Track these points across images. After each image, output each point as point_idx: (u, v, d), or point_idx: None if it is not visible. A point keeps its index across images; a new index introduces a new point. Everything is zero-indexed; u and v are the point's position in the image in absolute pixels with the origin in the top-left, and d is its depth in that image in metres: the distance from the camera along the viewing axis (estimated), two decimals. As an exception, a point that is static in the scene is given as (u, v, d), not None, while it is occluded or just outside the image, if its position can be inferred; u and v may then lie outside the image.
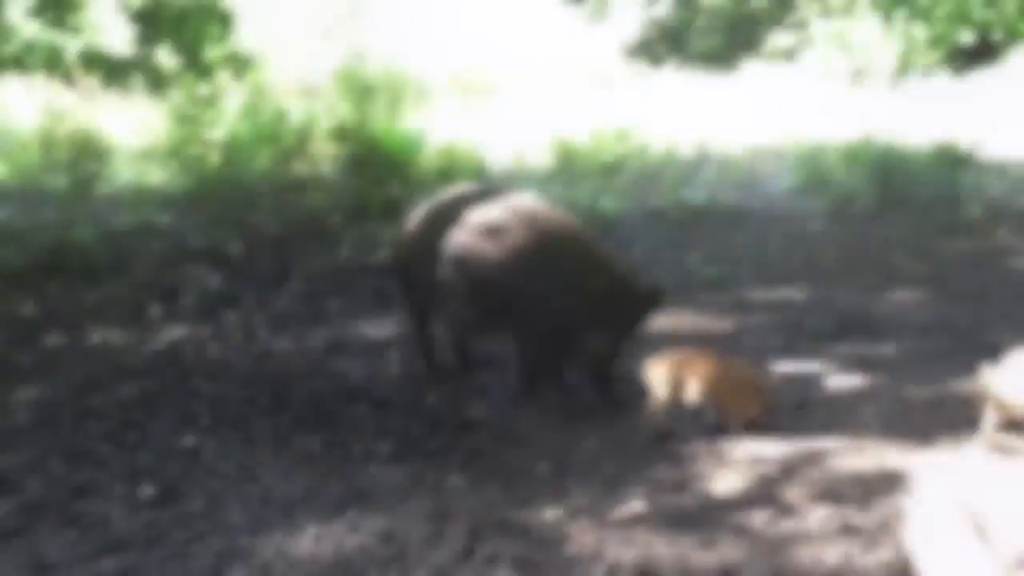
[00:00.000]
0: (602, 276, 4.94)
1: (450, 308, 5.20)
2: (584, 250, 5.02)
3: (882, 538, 3.55)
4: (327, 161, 9.33)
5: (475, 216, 5.07)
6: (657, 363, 4.56)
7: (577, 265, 4.94)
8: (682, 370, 4.51)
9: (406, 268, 5.44)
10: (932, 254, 8.08)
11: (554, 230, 5.03)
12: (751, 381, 4.62)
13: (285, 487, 4.04)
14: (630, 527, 3.69)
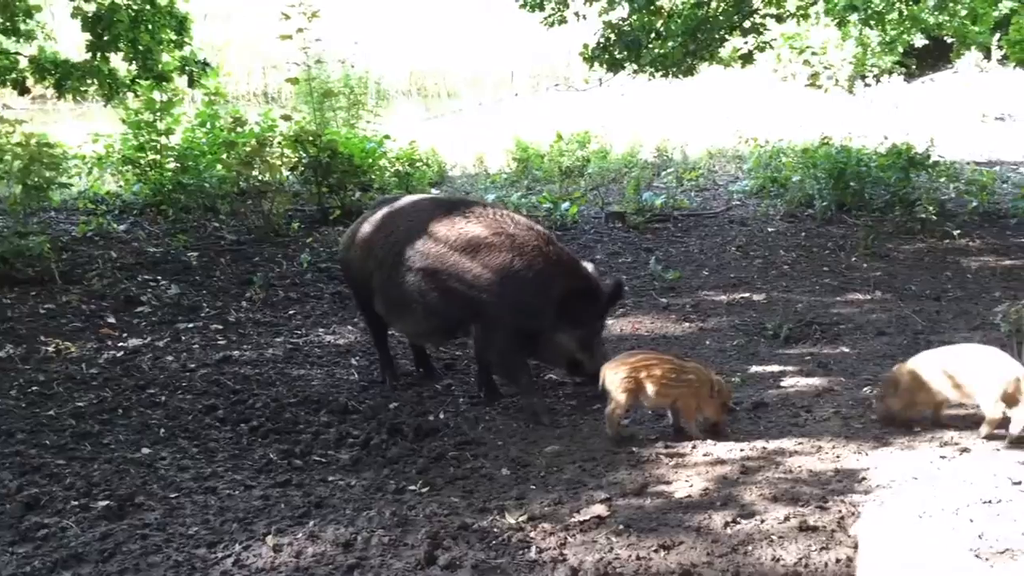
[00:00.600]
0: (566, 275, 4.96)
1: (416, 316, 5.15)
2: (547, 251, 5.02)
3: (839, 536, 3.58)
4: (287, 167, 9.25)
5: (439, 225, 5.05)
6: (617, 366, 4.57)
7: (542, 267, 4.94)
8: (642, 373, 4.52)
9: (363, 277, 5.36)
10: (888, 255, 8.20)
11: (517, 234, 5.02)
12: (710, 383, 4.64)
13: (243, 497, 4.00)
14: (591, 531, 3.69)
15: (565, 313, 4.93)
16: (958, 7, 10.41)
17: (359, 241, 5.33)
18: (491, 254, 4.92)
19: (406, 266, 5.02)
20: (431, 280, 4.98)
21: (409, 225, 5.13)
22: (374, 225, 5.30)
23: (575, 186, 10.64)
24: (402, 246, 5.06)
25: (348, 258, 5.42)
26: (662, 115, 16.55)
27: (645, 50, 8.91)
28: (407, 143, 10.56)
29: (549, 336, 5.00)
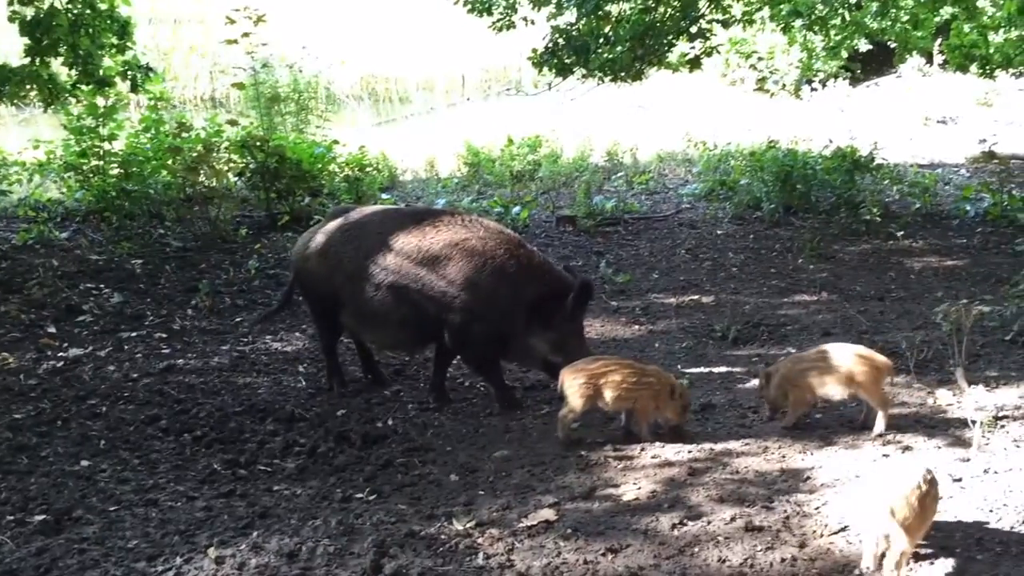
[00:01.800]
0: (537, 279, 4.99)
1: (390, 328, 5.14)
2: (518, 255, 5.03)
3: (785, 536, 3.61)
4: (234, 173, 9.15)
5: (410, 236, 5.03)
6: (575, 372, 4.56)
7: (513, 271, 4.96)
8: (601, 380, 4.51)
9: (328, 289, 5.25)
10: (834, 257, 8.30)
11: (487, 239, 5.04)
12: (671, 386, 4.64)
13: (185, 509, 3.93)
14: (539, 535, 3.68)
15: (537, 316, 4.95)
16: (900, 13, 10.60)
17: (322, 253, 5.22)
18: (463, 261, 4.94)
19: (379, 279, 5.01)
20: (405, 291, 4.98)
21: (379, 237, 5.10)
22: (340, 237, 5.21)
23: (526, 190, 10.65)
24: (374, 258, 5.03)
25: (307, 268, 5.30)
26: (612, 120, 16.64)
27: (594, 55, 8.93)
28: (357, 148, 10.49)
29: (522, 339, 5.01)
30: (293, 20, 18.47)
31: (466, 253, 4.96)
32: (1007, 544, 3.49)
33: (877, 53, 16.54)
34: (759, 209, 9.69)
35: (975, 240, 8.59)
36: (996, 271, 7.47)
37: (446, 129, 16.08)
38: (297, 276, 5.41)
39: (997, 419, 4.60)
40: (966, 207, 9.48)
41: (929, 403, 4.93)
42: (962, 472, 4.08)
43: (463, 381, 5.68)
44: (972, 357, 5.47)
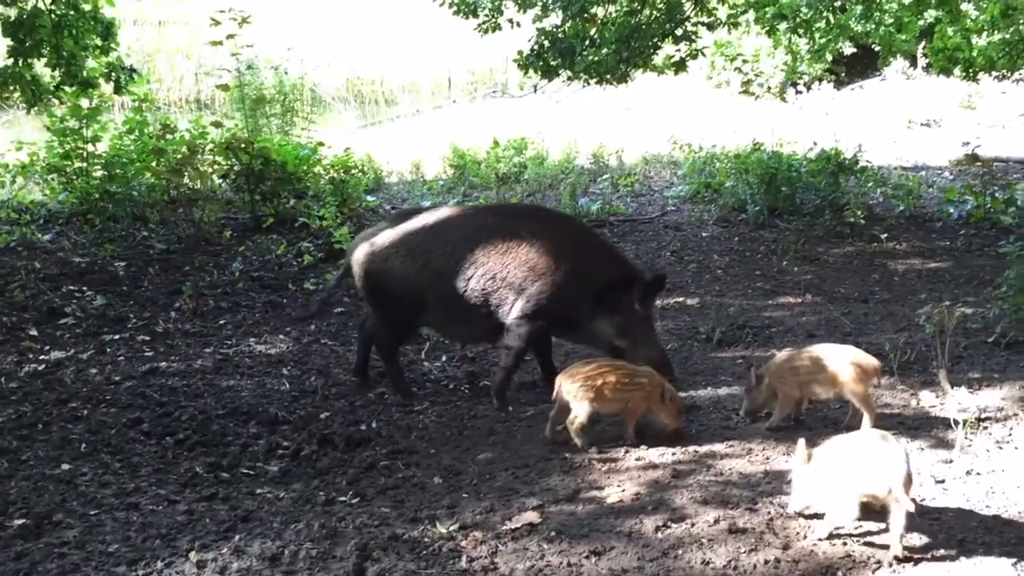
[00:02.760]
0: (606, 266, 5.19)
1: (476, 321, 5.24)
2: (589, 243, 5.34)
3: (768, 537, 3.61)
4: (218, 175, 9.10)
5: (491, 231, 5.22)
6: (572, 376, 4.54)
7: (584, 258, 5.18)
8: (598, 381, 4.50)
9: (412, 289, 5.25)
10: (818, 259, 8.32)
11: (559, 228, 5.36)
12: (661, 388, 4.65)
13: (167, 513, 3.90)
14: (523, 538, 3.68)
15: (604, 302, 5.12)
16: (884, 16, 10.65)
17: (407, 253, 5.26)
18: (539, 250, 5.13)
19: (467, 274, 5.14)
20: (490, 284, 5.13)
21: (463, 233, 5.25)
22: (426, 236, 5.28)
23: (511, 192, 10.63)
24: (461, 255, 5.17)
25: (388, 269, 5.28)
26: (598, 122, 16.66)
27: (579, 57, 8.94)
28: (342, 150, 10.46)
29: (588, 324, 5.18)
30: (279, 22, 18.42)
31: (541, 242, 5.14)
32: (989, 546, 3.51)
33: (862, 56, 16.62)
34: (744, 211, 9.71)
35: (958, 242, 8.63)
36: (979, 273, 7.51)
37: (432, 131, 16.06)
38: (371, 278, 5.36)
39: (979, 420, 4.63)
40: (949, 209, 9.53)
41: (912, 404, 4.95)
42: (945, 473, 4.10)
43: (447, 383, 5.67)
44: (955, 359, 5.50)
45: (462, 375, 5.81)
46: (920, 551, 3.48)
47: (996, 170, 10.52)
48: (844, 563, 3.41)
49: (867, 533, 3.59)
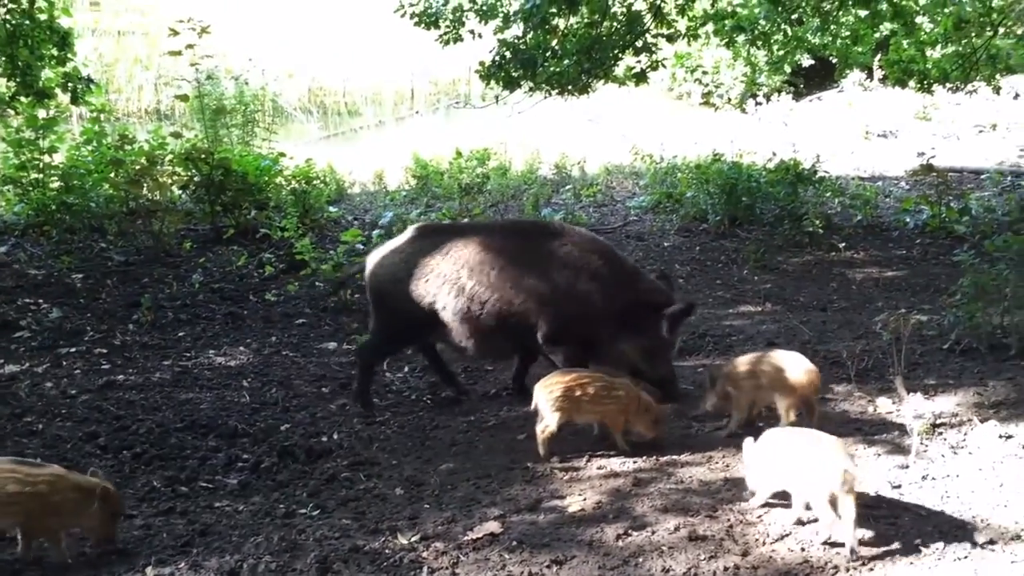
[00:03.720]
0: (628, 287, 5.13)
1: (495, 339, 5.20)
2: (613, 263, 5.23)
3: (728, 544, 3.63)
4: (177, 185, 9.02)
5: (511, 249, 5.19)
6: (550, 386, 4.53)
7: (606, 278, 5.11)
8: (576, 392, 4.49)
9: (424, 307, 5.19)
10: (778, 268, 8.41)
11: (582, 247, 5.24)
12: (638, 399, 4.68)
13: (123, 528, 3.83)
14: (484, 548, 3.67)
15: (627, 323, 5.07)
16: (840, 29, 10.82)
17: (424, 271, 5.20)
18: (562, 269, 5.09)
19: (487, 292, 5.08)
20: (510, 303, 5.08)
21: (483, 251, 5.18)
22: (441, 255, 5.21)
23: (474, 203, 10.64)
24: (481, 272, 5.11)
25: (401, 288, 5.23)
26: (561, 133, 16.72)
27: (541, 68, 8.97)
28: (304, 160, 10.42)
29: (612, 345, 5.14)
30: (240, 33, 18.33)
31: (564, 261, 5.11)
32: (944, 550, 3.55)
33: (820, 68, 16.86)
34: (705, 221, 9.79)
35: (914, 251, 8.76)
36: (935, 281, 7.63)
37: (395, 142, 16.04)
38: (384, 295, 5.33)
39: (935, 426, 4.69)
40: (906, 219, 9.67)
41: (869, 411, 5.01)
42: (901, 479, 4.15)
43: (409, 394, 5.65)
44: (911, 365, 5.58)
45: (424, 386, 5.79)
46: (877, 555, 3.52)
47: (951, 180, 10.72)
48: (802, 568, 3.44)
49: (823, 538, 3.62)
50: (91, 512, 3.50)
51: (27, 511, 3.42)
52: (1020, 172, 11.96)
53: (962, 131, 14.51)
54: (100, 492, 3.50)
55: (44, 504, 3.43)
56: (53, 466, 3.64)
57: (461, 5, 8.95)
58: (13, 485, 3.39)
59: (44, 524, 3.46)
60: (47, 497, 3.43)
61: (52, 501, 3.44)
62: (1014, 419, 4.68)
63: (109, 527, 3.56)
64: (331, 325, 6.90)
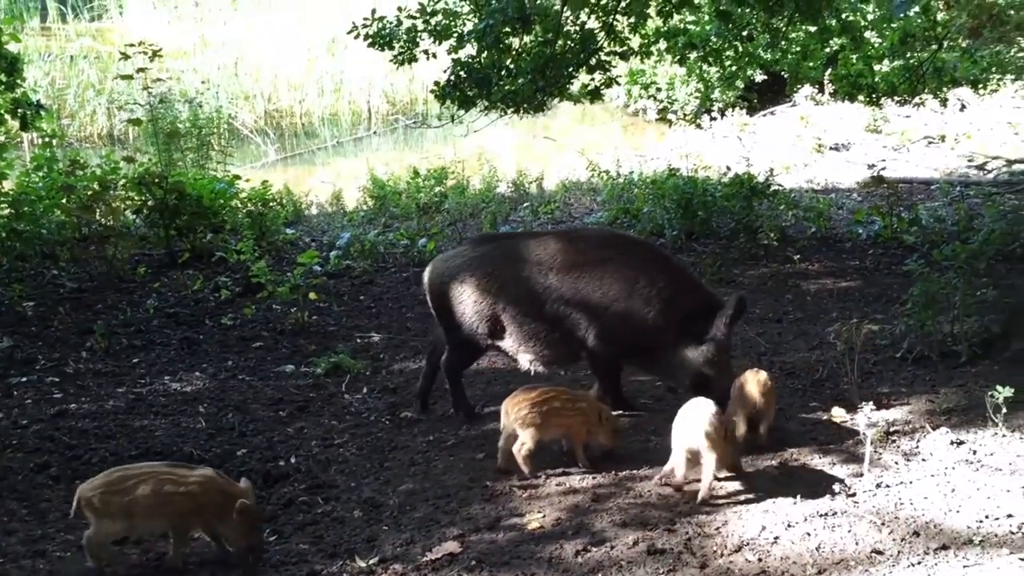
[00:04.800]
0: (688, 292, 5.15)
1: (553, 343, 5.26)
2: (668, 269, 5.26)
3: (686, 557, 3.65)
4: (131, 210, 8.92)
5: (568, 255, 5.23)
6: (518, 402, 4.53)
7: (664, 284, 5.12)
8: (544, 407, 4.50)
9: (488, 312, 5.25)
10: (734, 280, 8.47)
11: (637, 254, 5.33)
12: (599, 411, 4.70)
13: (76, 560, 3.79)
14: (443, 568, 3.66)
15: (687, 330, 5.06)
16: (790, 45, 10.99)
17: (486, 277, 5.26)
18: (618, 276, 5.13)
19: (544, 296, 5.15)
20: (568, 307, 5.14)
21: (540, 258, 5.24)
22: (502, 260, 5.30)
23: (432, 222, 10.63)
24: (538, 278, 5.18)
25: (464, 292, 5.28)
26: (520, 150, 16.79)
27: (496, 87, 9.01)
28: (260, 183, 10.35)
29: (672, 353, 5.12)
30: (195, 56, 18.22)
31: (621, 268, 5.14)
32: (898, 556, 3.60)
33: (772, 83, 17.08)
34: (662, 235, 9.85)
35: (867, 262, 8.88)
36: (887, 291, 7.73)
37: (352, 162, 16.00)
38: (445, 301, 5.34)
39: (888, 434, 4.76)
40: (858, 230, 9.80)
41: (824, 420, 5.07)
42: (856, 487, 4.20)
43: (368, 415, 5.62)
44: (864, 374, 5.65)
45: (383, 407, 5.75)
46: (834, 562, 3.56)
47: (901, 191, 10.88)
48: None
49: (783, 546, 3.66)
50: (231, 519, 3.70)
51: (180, 512, 3.65)
52: (968, 182, 12.18)
53: (912, 143, 14.75)
54: (239, 507, 3.67)
55: (195, 505, 3.66)
56: (205, 468, 3.88)
57: (415, 26, 8.95)
58: (169, 486, 3.63)
59: (193, 525, 3.72)
60: (198, 498, 3.66)
61: (201, 502, 3.67)
62: (965, 425, 4.77)
63: (248, 536, 3.73)
64: (288, 348, 6.84)
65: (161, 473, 3.70)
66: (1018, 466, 4.29)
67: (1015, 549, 3.59)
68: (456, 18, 8.88)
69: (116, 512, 3.61)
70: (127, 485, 3.62)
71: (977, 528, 3.77)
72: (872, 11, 10.67)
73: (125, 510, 3.61)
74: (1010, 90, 14.66)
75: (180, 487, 3.65)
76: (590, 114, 18.62)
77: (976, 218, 9.37)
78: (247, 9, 20.47)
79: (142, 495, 3.61)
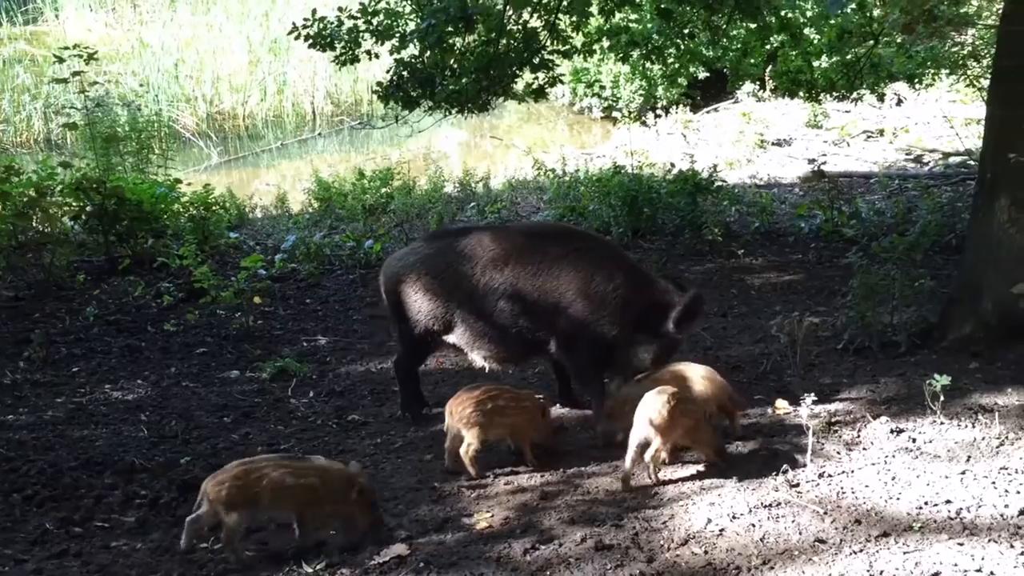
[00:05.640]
0: (643, 289, 5.11)
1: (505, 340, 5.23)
2: (623, 266, 5.21)
3: (634, 552, 3.67)
4: (69, 216, 8.73)
5: (523, 250, 5.17)
6: (462, 402, 4.52)
7: (620, 280, 5.08)
8: (488, 405, 4.50)
9: (440, 309, 5.21)
10: (680, 277, 8.54)
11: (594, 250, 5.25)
12: (543, 409, 4.73)
13: (14, 574, 3.69)
14: (391, 572, 3.65)
15: (642, 327, 5.06)
16: (732, 42, 11.09)
17: (438, 273, 5.22)
18: (574, 273, 5.08)
19: (498, 293, 5.10)
20: (521, 303, 5.09)
21: (494, 254, 5.18)
22: (455, 257, 5.23)
23: (379, 224, 10.57)
24: (491, 275, 5.12)
25: (415, 290, 5.24)
26: (465, 150, 16.78)
27: (439, 87, 8.97)
28: (202, 186, 10.20)
29: (627, 350, 5.13)
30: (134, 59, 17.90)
31: (576, 265, 5.08)
32: (840, 544, 3.66)
33: (715, 80, 17.24)
34: (609, 233, 9.89)
35: (810, 255, 9.01)
36: (829, 284, 7.85)
37: (297, 164, 15.86)
38: (399, 299, 5.29)
39: (830, 424, 4.84)
40: (801, 224, 9.94)
41: (768, 413, 5.13)
42: (799, 477, 4.26)
43: (315, 419, 5.56)
44: (808, 366, 5.74)
45: (330, 410, 5.70)
46: (778, 552, 3.61)
47: (841, 185, 11.09)
48: (705, 572, 3.50)
49: (729, 538, 3.70)
50: (351, 501, 3.87)
51: (300, 502, 3.81)
52: (906, 175, 12.43)
53: (851, 138, 15.01)
54: (359, 487, 3.87)
55: (316, 495, 3.82)
56: (317, 457, 4.09)
57: (357, 26, 8.87)
58: (290, 479, 3.78)
59: (315, 511, 3.86)
60: (318, 489, 3.82)
61: (321, 493, 3.84)
62: (904, 414, 4.86)
63: (368, 515, 3.91)
64: (233, 353, 6.75)
65: (283, 465, 3.84)
66: (956, 453, 4.39)
67: (953, 534, 3.67)
68: (398, 18, 8.81)
69: (242, 504, 3.74)
70: (252, 478, 3.76)
71: (917, 515, 3.85)
72: (810, 8, 10.81)
73: (253, 501, 3.75)
74: (945, 85, 14.98)
75: (301, 479, 3.80)
76: (536, 113, 18.67)
77: (914, 210, 9.56)
78: (185, 10, 20.12)
79: (268, 486, 3.75)
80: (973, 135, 13.21)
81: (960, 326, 5.86)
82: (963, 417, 4.75)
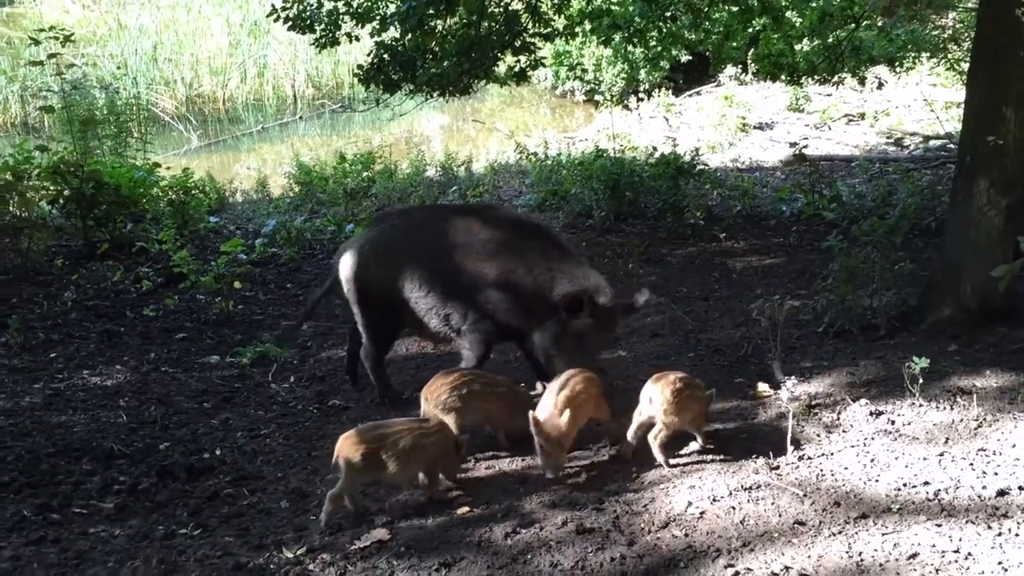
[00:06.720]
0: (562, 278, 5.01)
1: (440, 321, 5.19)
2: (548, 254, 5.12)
3: (614, 535, 3.68)
4: (46, 201, 8.64)
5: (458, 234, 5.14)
6: (437, 387, 4.51)
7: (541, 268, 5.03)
8: (463, 391, 4.49)
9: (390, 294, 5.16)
10: (662, 260, 8.56)
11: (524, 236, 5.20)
12: (518, 395, 4.72)
13: (-9, 560, 3.66)
14: (372, 556, 3.63)
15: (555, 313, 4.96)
16: (714, 25, 11.06)
17: (385, 258, 5.18)
18: (499, 255, 5.06)
19: (427, 276, 5.10)
20: (452, 286, 5.07)
21: (432, 237, 5.19)
22: (399, 241, 5.22)
23: (360, 207, 10.52)
24: (430, 258, 5.12)
25: (368, 276, 5.20)
26: (448, 133, 16.72)
27: (420, 70, 8.91)
28: (181, 170, 10.11)
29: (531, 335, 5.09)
30: (111, 41, 17.70)
31: (503, 247, 5.08)
32: (819, 526, 3.68)
33: (698, 64, 17.23)
34: (591, 217, 9.89)
35: (791, 238, 9.03)
36: (810, 267, 7.88)
37: (278, 148, 15.76)
38: (356, 285, 5.24)
39: (810, 407, 4.86)
40: (782, 208, 9.96)
41: (749, 395, 5.15)
42: (779, 460, 4.28)
43: (295, 404, 5.54)
44: (788, 349, 5.76)
45: (311, 395, 5.69)
46: (758, 534, 3.62)
47: (822, 168, 11.10)
48: (686, 554, 3.51)
49: (709, 521, 3.71)
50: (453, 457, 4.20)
51: (430, 458, 4.09)
52: (887, 159, 12.47)
53: (832, 121, 15.03)
54: (460, 443, 4.21)
55: (438, 451, 4.11)
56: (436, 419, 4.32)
57: (337, 8, 8.80)
58: (423, 438, 4.05)
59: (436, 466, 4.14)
60: (439, 444, 4.11)
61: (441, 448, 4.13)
62: (883, 397, 4.88)
63: (456, 469, 4.27)
64: (213, 338, 6.71)
65: (415, 427, 4.07)
66: (934, 435, 4.42)
67: (932, 516, 3.70)
68: (378, 0, 8.74)
69: (377, 464, 3.95)
70: (388, 442, 3.97)
71: (895, 496, 3.87)
72: (792, -10, 10.80)
73: (389, 460, 3.96)
74: (925, 68, 15.02)
75: (429, 438, 4.07)
76: (518, 96, 18.60)
77: (894, 194, 9.59)
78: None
79: (405, 447, 3.98)
80: (953, 118, 13.27)
81: (939, 309, 5.88)
82: (942, 399, 4.78)
